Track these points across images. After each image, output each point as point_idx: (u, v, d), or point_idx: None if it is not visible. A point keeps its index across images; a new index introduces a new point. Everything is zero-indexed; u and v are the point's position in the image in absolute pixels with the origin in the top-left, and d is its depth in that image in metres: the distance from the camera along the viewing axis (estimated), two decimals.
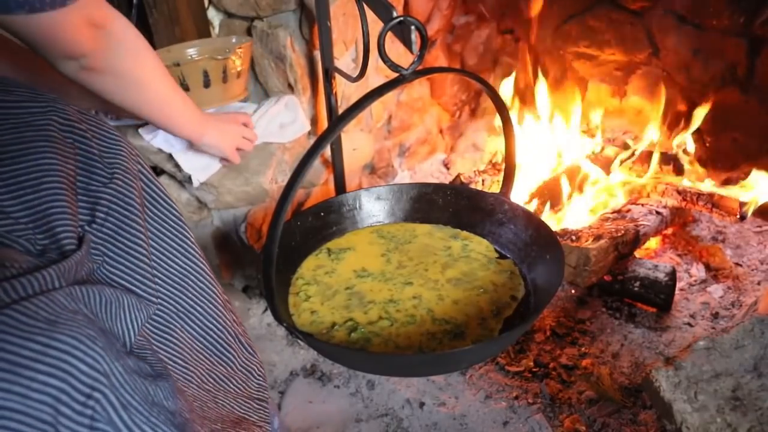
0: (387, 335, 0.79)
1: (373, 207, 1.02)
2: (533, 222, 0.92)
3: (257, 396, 0.87)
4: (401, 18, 0.69)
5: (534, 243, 0.90)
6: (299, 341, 1.24)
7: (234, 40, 1.32)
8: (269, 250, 0.68)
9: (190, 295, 0.78)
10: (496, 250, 0.95)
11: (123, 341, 0.64)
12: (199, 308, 0.78)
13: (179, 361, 0.75)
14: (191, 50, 1.33)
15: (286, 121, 1.31)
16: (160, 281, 0.75)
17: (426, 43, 0.69)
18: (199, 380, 0.77)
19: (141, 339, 0.67)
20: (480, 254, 0.95)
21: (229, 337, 0.83)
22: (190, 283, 0.78)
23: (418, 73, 0.72)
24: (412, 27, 0.70)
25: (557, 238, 0.86)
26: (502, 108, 0.86)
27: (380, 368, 0.90)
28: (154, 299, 0.72)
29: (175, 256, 0.77)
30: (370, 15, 0.97)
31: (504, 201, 0.96)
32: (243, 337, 0.86)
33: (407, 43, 0.73)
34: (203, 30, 1.41)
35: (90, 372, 0.51)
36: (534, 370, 1.26)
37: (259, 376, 0.88)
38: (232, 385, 0.82)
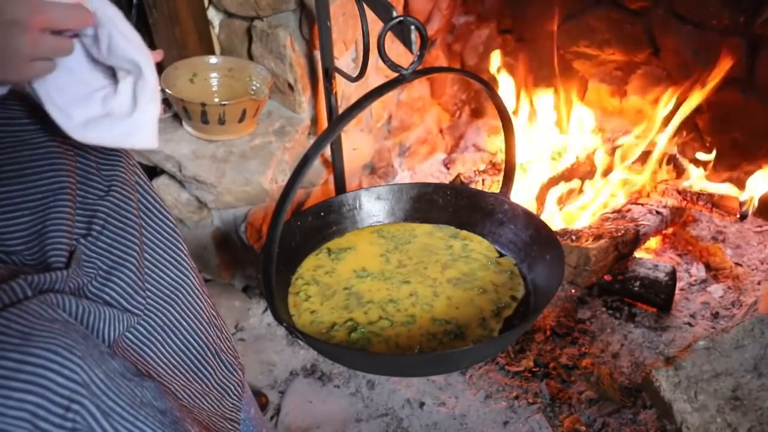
0: (387, 335, 0.79)
1: (373, 207, 1.02)
2: (533, 222, 0.92)
3: (230, 416, 0.86)
4: (401, 18, 0.69)
5: (534, 243, 0.90)
6: (299, 341, 1.24)
7: (260, 70, 1.36)
8: (269, 250, 0.68)
9: (177, 309, 0.77)
10: (496, 250, 0.95)
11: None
12: (184, 323, 0.78)
13: (152, 375, 0.74)
14: (215, 75, 1.39)
15: (118, 107, 0.63)
16: (150, 294, 0.74)
17: (426, 43, 0.69)
18: (173, 395, 0.76)
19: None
20: (480, 254, 0.94)
21: (209, 354, 0.82)
22: (180, 296, 0.78)
23: (418, 73, 0.72)
24: (412, 27, 0.70)
25: (557, 238, 0.86)
26: (502, 108, 0.86)
27: (380, 368, 0.90)
28: (140, 313, 0.72)
29: (167, 269, 0.77)
30: (370, 15, 0.97)
31: (504, 201, 0.96)
32: (224, 354, 0.85)
33: (407, 43, 0.73)
34: (203, 30, 1.41)
35: (67, 384, 0.51)
36: (534, 370, 1.26)
37: (234, 395, 0.87)
38: (206, 403, 0.82)
